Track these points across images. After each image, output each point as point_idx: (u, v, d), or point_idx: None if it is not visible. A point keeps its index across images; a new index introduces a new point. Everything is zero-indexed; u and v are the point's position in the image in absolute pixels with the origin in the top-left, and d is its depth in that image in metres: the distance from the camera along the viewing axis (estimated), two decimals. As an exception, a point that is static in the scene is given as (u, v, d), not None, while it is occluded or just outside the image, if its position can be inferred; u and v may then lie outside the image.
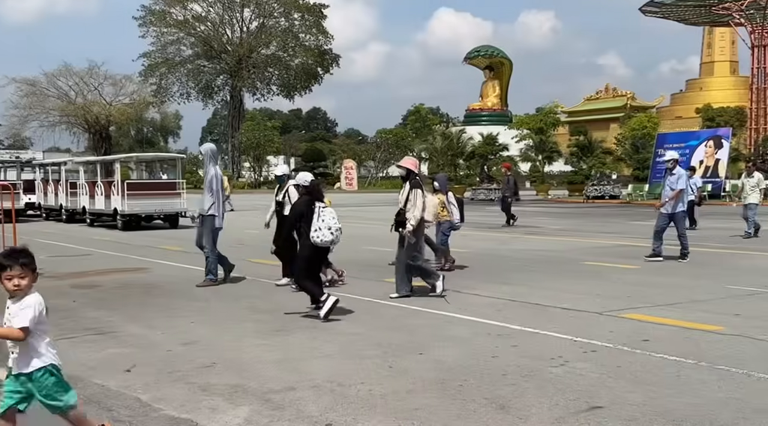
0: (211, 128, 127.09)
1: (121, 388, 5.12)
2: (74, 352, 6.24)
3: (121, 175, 20.94)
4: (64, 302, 8.82)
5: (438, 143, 43.23)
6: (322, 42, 66.38)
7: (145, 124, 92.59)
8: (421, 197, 8.55)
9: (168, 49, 63.66)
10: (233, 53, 63.30)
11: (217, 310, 8.13)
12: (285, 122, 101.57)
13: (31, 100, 67.76)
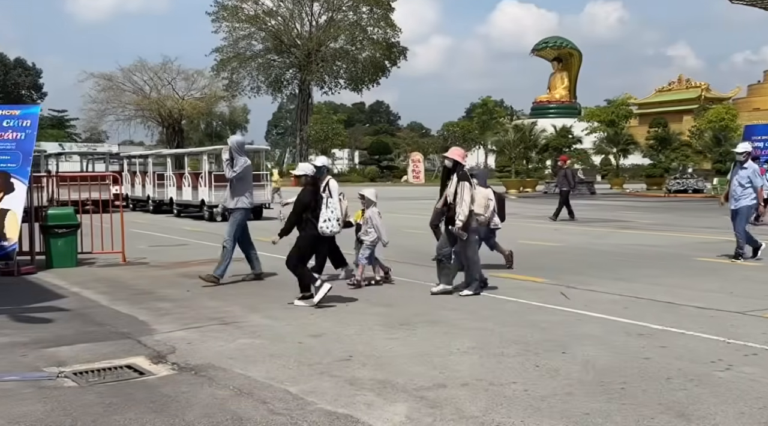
0: (276, 122, 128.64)
1: (266, 380, 5.07)
2: (206, 341, 6.28)
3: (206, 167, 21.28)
4: (179, 292, 8.94)
5: (510, 136, 42.62)
6: (389, 35, 66.30)
7: (214, 117, 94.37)
8: (469, 190, 8.08)
9: (239, 43, 64.65)
10: (302, 47, 63.80)
11: (331, 303, 8.06)
12: (349, 115, 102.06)
13: (108, 95, 69.81)
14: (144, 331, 6.74)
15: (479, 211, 8.43)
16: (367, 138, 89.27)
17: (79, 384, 5.12)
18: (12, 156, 10.60)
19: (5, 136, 10.71)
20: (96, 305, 8.10)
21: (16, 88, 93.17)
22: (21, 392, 4.90)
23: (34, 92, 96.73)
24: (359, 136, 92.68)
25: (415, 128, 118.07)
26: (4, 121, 10.80)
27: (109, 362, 5.70)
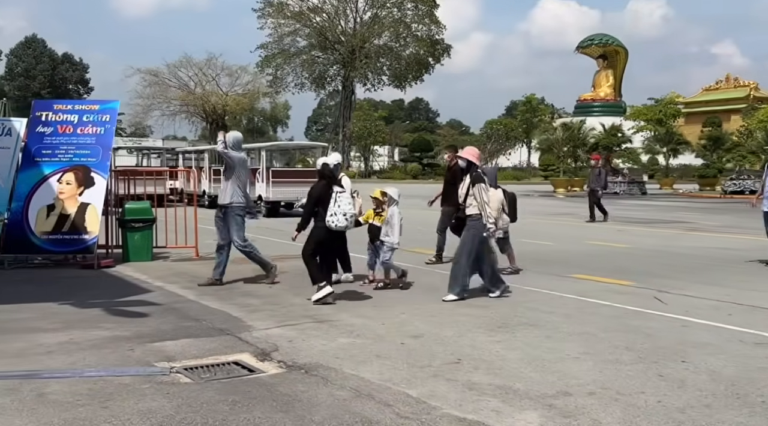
0: (316, 118, 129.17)
1: (381, 382, 5.01)
2: (307, 340, 6.25)
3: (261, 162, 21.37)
4: (261, 288, 8.97)
5: (559, 134, 42.11)
6: (434, 32, 66.01)
7: (255, 113, 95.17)
8: (486, 192, 7.88)
9: (284, 40, 65.01)
10: (346, 44, 63.89)
11: (418, 301, 8.00)
12: (389, 112, 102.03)
13: (154, 90, 70.64)
14: (241, 327, 6.75)
15: (493, 214, 8.18)
16: (407, 135, 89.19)
17: (194, 380, 5.13)
18: (92, 150, 10.77)
19: (85, 131, 10.88)
20: (184, 300, 8.16)
21: (64, 82, 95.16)
22: (140, 387, 4.93)
23: (81, 87, 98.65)
24: (399, 133, 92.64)
25: (455, 125, 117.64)
26: (84, 115, 10.97)
27: (216, 358, 5.71)
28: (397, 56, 66.31)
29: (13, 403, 4.53)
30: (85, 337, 6.25)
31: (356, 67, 63.87)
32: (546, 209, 25.02)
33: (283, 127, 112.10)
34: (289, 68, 66.35)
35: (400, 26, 64.52)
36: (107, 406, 4.51)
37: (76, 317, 7.11)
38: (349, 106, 66.71)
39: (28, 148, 10.65)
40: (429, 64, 67.49)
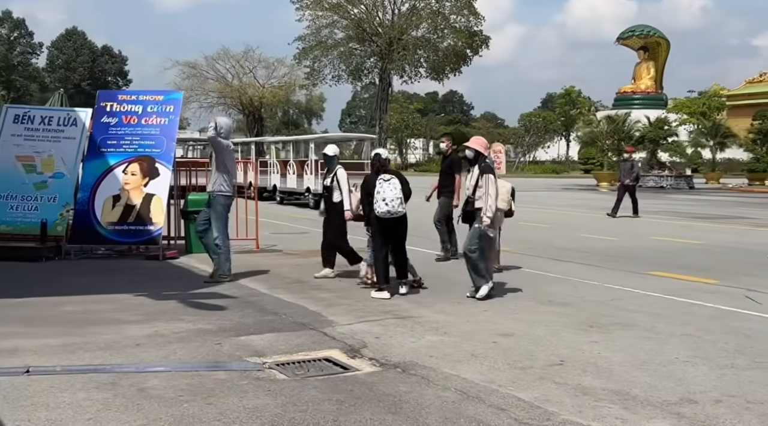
0: (350, 111, 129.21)
1: (486, 383, 4.81)
2: (393, 337, 6.08)
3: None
4: (330, 282, 8.84)
5: (603, 127, 41.33)
6: (472, 23, 65.19)
7: (291, 106, 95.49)
8: (493, 184, 7.50)
9: (322, 32, 64.67)
10: (384, 36, 63.39)
11: (500, 299, 7.77)
12: (424, 105, 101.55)
13: (192, 82, 71.11)
14: (323, 322, 6.61)
15: (501, 206, 7.88)
16: (441, 128, 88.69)
17: (289, 376, 4.99)
18: (156, 141, 10.73)
19: (150, 122, 10.84)
20: (257, 293, 8.05)
21: (103, 74, 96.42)
22: (238, 383, 4.80)
23: (120, 79, 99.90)
24: (434, 125, 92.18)
25: (490, 118, 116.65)
26: (148, 106, 10.93)
27: (306, 354, 5.57)
28: (435, 48, 65.65)
29: (116, 398, 4.43)
30: (170, 330, 6.17)
31: (393, 59, 63.36)
32: (594, 203, 24.54)
33: (318, 119, 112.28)
34: (327, 60, 66.04)
35: (438, 17, 63.83)
36: (211, 403, 4.39)
37: (155, 309, 7.04)
38: (386, 98, 66.33)
39: (93, 138, 10.65)
40: (467, 56, 66.72)
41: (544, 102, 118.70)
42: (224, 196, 8.76)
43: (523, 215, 19.37)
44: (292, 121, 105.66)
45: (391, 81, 66.96)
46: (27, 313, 6.63)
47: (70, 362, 5.15)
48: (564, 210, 20.43)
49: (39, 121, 10.52)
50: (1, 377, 4.72)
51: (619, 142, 38.53)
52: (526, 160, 69.16)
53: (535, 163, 68.60)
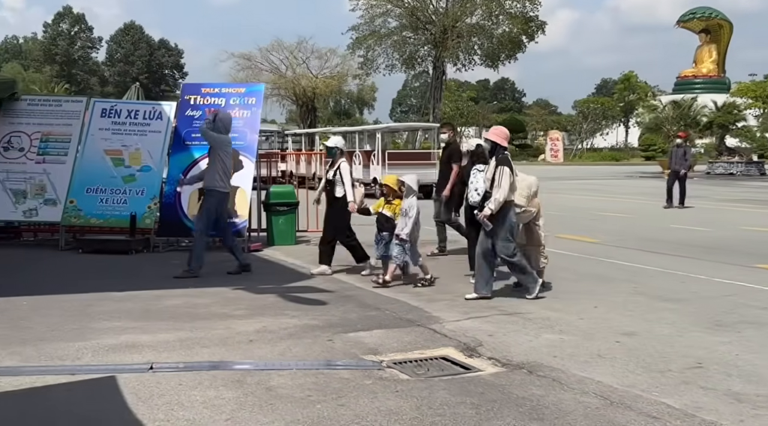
0: (400, 100, 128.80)
1: (625, 387, 4.54)
2: (508, 334, 5.86)
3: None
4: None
5: (668, 112, 40.08)
6: (528, 9, 64.07)
7: (343, 95, 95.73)
8: (508, 177, 7.03)
9: (375, 21, 64.50)
10: (438, 23, 62.83)
11: (599, 293, 7.47)
12: (476, 93, 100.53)
13: (247, 74, 71.65)
14: (429, 318, 6.43)
15: (520, 201, 7.26)
16: (494, 115, 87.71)
17: (411, 376, 4.82)
18: (240, 134, 10.66)
19: (233, 115, 10.77)
20: (352, 287, 7.92)
21: (160, 67, 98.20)
22: (363, 383, 4.65)
23: (176, 72, 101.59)
24: (487, 113, 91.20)
25: (542, 105, 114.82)
26: (230, 98, 10.90)
27: (421, 353, 5.40)
28: (490, 35, 64.76)
29: (246, 397, 4.33)
30: (277, 326, 6.07)
31: (447, 47, 62.78)
32: (666, 192, 23.74)
33: (369, 109, 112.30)
34: (380, 49, 65.84)
35: (493, 3, 62.92)
36: (344, 404, 4.25)
37: (257, 303, 6.97)
38: (440, 86, 65.74)
39: (178, 131, 10.67)
40: (522, 42, 65.63)
41: (599, 88, 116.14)
42: (219, 192, 8.49)
43: (595, 204, 18.99)
44: (344, 111, 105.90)
45: (444, 69, 66.35)
46: (134, 307, 6.63)
47: (189, 358, 5.09)
48: (637, 199, 19.84)
49: (125, 114, 10.60)
50: (127, 374, 4.68)
51: (686, 128, 37.32)
52: (584, 148, 67.74)
53: (593, 150, 67.15)
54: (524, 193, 7.36)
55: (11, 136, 10.49)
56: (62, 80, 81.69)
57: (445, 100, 69.54)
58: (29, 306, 6.59)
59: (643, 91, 66.21)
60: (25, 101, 10.84)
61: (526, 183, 7.44)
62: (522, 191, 7.33)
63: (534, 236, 7.66)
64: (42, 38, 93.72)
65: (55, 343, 5.34)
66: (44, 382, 4.47)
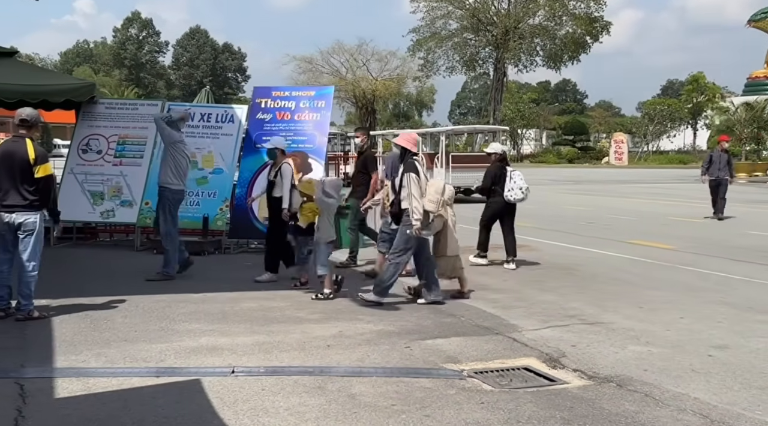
0: (459, 102, 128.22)
1: (725, 405, 4.31)
2: (591, 345, 5.65)
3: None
4: (494, 281, 8.49)
5: (741, 114, 38.61)
6: (592, 9, 62.80)
7: (402, 98, 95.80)
8: (415, 183, 6.79)
9: (436, 23, 64.31)
10: (500, 25, 62.21)
11: (689, 304, 7.17)
12: (537, 94, 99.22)
13: (308, 77, 72.47)
14: (507, 326, 6.27)
15: (429, 207, 6.95)
16: (554, 118, 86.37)
17: (494, 387, 4.68)
18: (309, 136, 10.70)
19: (302, 117, 10.83)
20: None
21: (224, 71, 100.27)
22: (446, 393, 4.54)
23: (239, 75, 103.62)
24: (547, 115, 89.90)
25: (605, 107, 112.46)
26: (300, 102, 10.93)
27: (502, 362, 5.25)
28: (552, 36, 63.77)
29: (330, 405, 4.27)
30: (353, 331, 6.01)
31: (509, 49, 62.08)
32: (742, 196, 22.82)
33: (428, 111, 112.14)
34: (441, 51, 65.64)
35: (557, 4, 61.92)
36: (429, 415, 4.15)
37: (330, 307, 6.93)
38: (501, 88, 65.00)
39: (249, 134, 10.76)
40: (586, 43, 64.37)
41: (665, 89, 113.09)
42: (171, 190, 8.19)
43: (664, 209, 18.39)
44: (403, 113, 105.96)
45: (505, 71, 65.61)
46: (211, 309, 6.67)
47: (269, 363, 5.07)
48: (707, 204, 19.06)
49: (198, 118, 10.75)
50: (210, 377, 4.68)
51: (759, 131, 35.94)
52: (649, 150, 65.99)
53: (659, 153, 65.33)
54: (433, 198, 7.01)
55: (90, 139, 10.77)
56: (131, 84, 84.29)
57: (506, 101, 68.85)
58: (110, 306, 6.71)
59: (712, 93, 64.15)
60: (102, 105, 11.12)
61: (434, 188, 7.09)
62: (431, 196, 6.99)
63: (449, 245, 7.39)
64: (111, 43, 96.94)
65: (138, 345, 5.40)
66: (131, 384, 4.51)
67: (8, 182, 6.05)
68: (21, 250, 6.09)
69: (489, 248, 9.69)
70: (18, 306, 6.11)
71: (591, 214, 17.20)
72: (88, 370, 4.80)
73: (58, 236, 10.09)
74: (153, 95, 79.22)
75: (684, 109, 64.73)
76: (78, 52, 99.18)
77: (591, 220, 15.68)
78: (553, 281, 8.50)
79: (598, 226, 14.61)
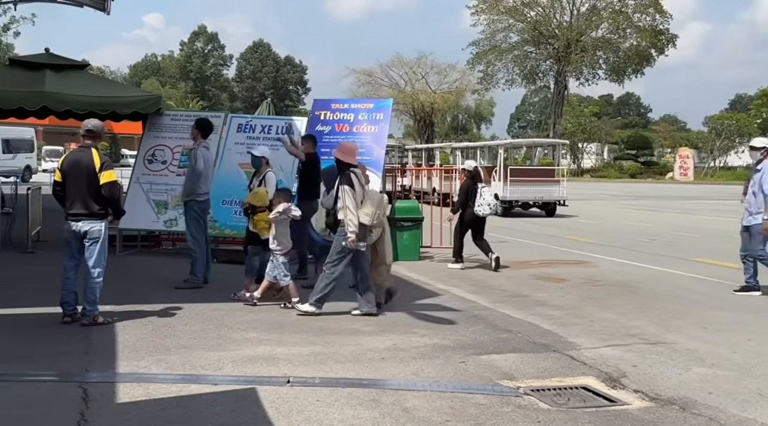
0: (518, 115, 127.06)
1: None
2: (654, 366, 5.49)
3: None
4: (551, 296, 8.41)
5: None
6: (658, 21, 61.50)
7: (460, 111, 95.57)
8: (350, 195, 6.85)
9: (496, 36, 64.08)
10: (561, 37, 61.54)
11: (756, 325, 6.90)
12: (599, 108, 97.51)
13: (367, 90, 73.04)
14: (565, 344, 6.14)
15: (363, 219, 6.93)
16: (617, 131, 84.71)
17: (550, 406, 4.58)
18: (367, 149, 10.74)
19: (361, 130, 10.91)
20: (480, 307, 7.73)
21: (285, 83, 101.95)
22: (502, 410, 4.47)
23: (300, 87, 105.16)
24: (609, 129, 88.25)
25: (670, 121, 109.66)
26: (359, 114, 11.02)
27: (560, 381, 5.14)
28: (616, 49, 62.70)
29: (383, 418, 4.25)
30: (408, 344, 5.99)
31: (571, 62, 61.31)
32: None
33: (487, 124, 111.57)
34: (500, 64, 65.34)
35: (621, 17, 60.90)
36: (484, 432, 4.09)
37: (385, 320, 6.92)
38: (561, 102, 64.20)
39: (308, 146, 10.87)
40: (651, 56, 63.05)
41: (733, 103, 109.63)
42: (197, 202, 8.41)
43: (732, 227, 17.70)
44: (461, 126, 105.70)
45: (567, 84, 64.81)
46: (268, 319, 6.75)
47: (324, 374, 5.09)
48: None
49: (259, 129, 10.94)
50: (266, 386, 4.73)
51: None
52: (716, 166, 63.92)
53: (726, 168, 63.18)
54: (368, 211, 7.00)
55: (155, 150, 11.08)
56: (195, 96, 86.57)
57: (566, 115, 67.90)
58: (171, 314, 6.86)
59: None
60: (168, 116, 11.43)
61: (370, 200, 7.10)
62: (366, 209, 6.99)
63: (378, 255, 7.33)
64: (178, 56, 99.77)
65: (197, 352, 5.50)
66: (189, 391, 4.60)
67: (75, 191, 6.26)
68: (86, 257, 6.30)
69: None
70: (83, 311, 6.31)
71: (653, 230, 16.76)
72: (149, 375, 4.91)
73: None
74: (216, 107, 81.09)
75: (753, 124, 62.53)
76: (146, 65, 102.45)
77: (653, 236, 15.29)
78: (613, 298, 8.31)
79: (661, 242, 14.24)
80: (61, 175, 6.37)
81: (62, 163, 6.47)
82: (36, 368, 5.03)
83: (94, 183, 6.23)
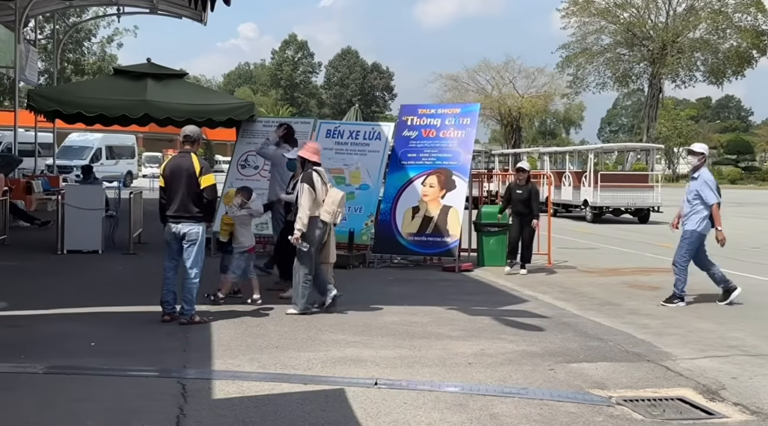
0: (610, 119, 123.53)
1: None
2: (754, 378, 5.27)
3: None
4: (644, 305, 8.18)
5: None
6: (760, 22, 58.45)
7: (549, 115, 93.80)
8: (307, 194, 6.92)
9: (587, 39, 62.54)
10: (657, 39, 59.46)
11: None
12: (697, 111, 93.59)
13: (453, 95, 72.81)
14: (660, 354, 5.94)
15: (325, 218, 7.05)
16: (715, 136, 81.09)
17: (645, 417, 4.44)
18: (453, 154, 10.76)
19: (447, 135, 10.92)
20: (569, 314, 7.58)
21: (372, 89, 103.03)
22: (593, 419, 4.37)
23: (386, 93, 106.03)
24: (707, 133, 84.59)
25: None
26: (446, 119, 11.03)
27: (655, 391, 4.98)
28: (715, 50, 60.01)
29: (471, 423, 4.25)
30: (495, 350, 5.94)
31: (666, 64, 59.12)
32: None
33: (576, 128, 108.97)
34: (591, 67, 63.69)
35: (720, 17, 58.27)
36: (573, 441, 4.01)
37: (472, 325, 6.89)
38: (656, 105, 61.99)
39: (395, 151, 10.99)
40: (752, 57, 60.01)
41: None
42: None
43: None
44: (549, 131, 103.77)
45: (661, 86, 62.56)
46: (356, 321, 6.86)
47: (410, 377, 5.12)
48: None
49: (348, 135, 11.13)
50: (354, 387, 4.81)
51: None
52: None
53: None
54: (329, 209, 7.07)
55: (248, 155, 11.45)
56: (285, 103, 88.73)
57: (661, 118, 65.54)
58: (262, 314, 7.07)
59: None
60: (260, 123, 11.80)
61: (331, 198, 7.12)
62: (327, 207, 7.01)
63: (331, 253, 7.43)
64: (269, 64, 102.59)
65: (288, 352, 5.65)
66: (280, 390, 4.73)
67: (176, 194, 6.55)
68: (185, 258, 6.58)
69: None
70: (182, 310, 6.59)
71: (755, 239, 15.93)
72: (243, 373, 5.08)
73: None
74: (305, 113, 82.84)
75: None
76: (239, 73, 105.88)
77: (755, 245, 14.54)
78: (711, 308, 7.98)
79: (763, 251, 13.53)
80: (164, 181, 6.68)
81: (164, 169, 6.79)
82: (138, 363, 5.29)
83: (194, 186, 6.50)
